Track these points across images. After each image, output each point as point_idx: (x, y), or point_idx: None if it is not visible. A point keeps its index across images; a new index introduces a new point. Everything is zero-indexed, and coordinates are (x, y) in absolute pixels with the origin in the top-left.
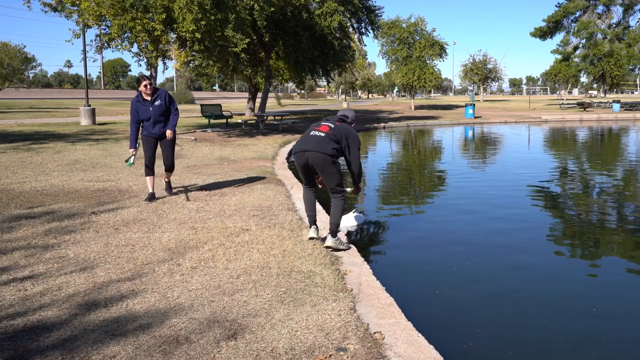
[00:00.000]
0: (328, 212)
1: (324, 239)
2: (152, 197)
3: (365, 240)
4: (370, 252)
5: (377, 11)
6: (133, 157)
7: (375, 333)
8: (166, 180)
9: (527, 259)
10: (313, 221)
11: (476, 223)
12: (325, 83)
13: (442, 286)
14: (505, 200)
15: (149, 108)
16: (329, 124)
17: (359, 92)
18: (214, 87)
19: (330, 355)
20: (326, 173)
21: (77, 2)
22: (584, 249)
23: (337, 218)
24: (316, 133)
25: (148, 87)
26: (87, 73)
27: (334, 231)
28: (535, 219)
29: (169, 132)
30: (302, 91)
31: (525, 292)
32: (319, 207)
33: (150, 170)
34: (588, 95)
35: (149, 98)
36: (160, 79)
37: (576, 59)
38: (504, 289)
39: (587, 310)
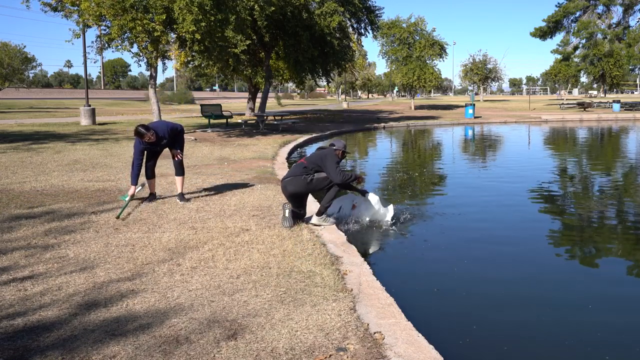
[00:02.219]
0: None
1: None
2: (152, 198)
3: (365, 241)
4: (370, 252)
5: (377, 11)
6: (129, 197)
7: (375, 333)
8: (179, 191)
9: (527, 258)
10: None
11: (476, 222)
12: (325, 83)
13: (442, 286)
14: (506, 199)
15: (157, 149)
16: (307, 156)
17: (359, 92)
18: (213, 87)
19: (330, 355)
20: (312, 189)
21: (77, 2)
22: (584, 248)
23: (326, 202)
24: (294, 164)
25: (152, 137)
26: (87, 73)
27: (321, 212)
28: (536, 218)
29: (178, 154)
30: (302, 91)
31: (525, 291)
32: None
33: (151, 173)
34: (588, 95)
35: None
36: (160, 79)
37: (576, 59)
38: (503, 287)
39: (584, 308)
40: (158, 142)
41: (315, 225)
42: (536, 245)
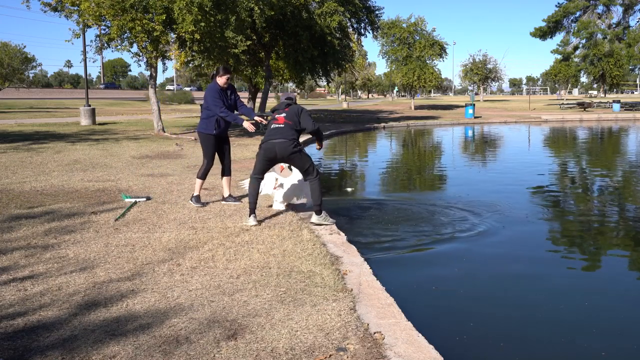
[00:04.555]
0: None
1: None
2: (199, 199)
3: (365, 240)
4: (371, 252)
5: (377, 11)
6: (135, 199)
7: (375, 333)
8: (228, 193)
9: (527, 257)
10: (254, 210)
11: (476, 221)
12: (325, 83)
13: (443, 286)
14: (506, 198)
15: (227, 99)
16: (282, 114)
17: (359, 92)
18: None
19: (330, 355)
20: (294, 160)
21: (77, 2)
22: (582, 248)
23: (317, 198)
24: (278, 126)
25: (228, 82)
26: (87, 73)
27: (318, 210)
28: (535, 217)
29: (249, 125)
30: (302, 91)
31: (525, 289)
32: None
33: (207, 174)
34: (588, 95)
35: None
36: (160, 79)
37: (576, 59)
38: (503, 286)
39: (583, 306)
40: (228, 94)
41: (316, 224)
42: (537, 243)
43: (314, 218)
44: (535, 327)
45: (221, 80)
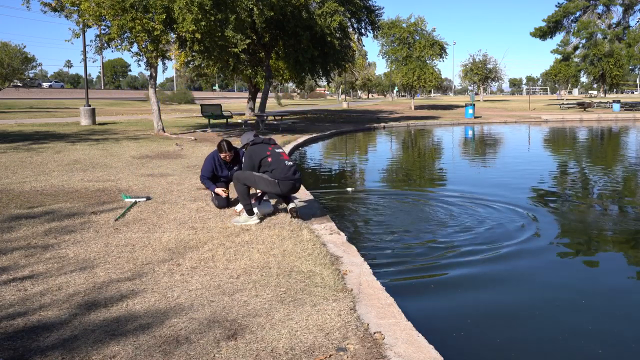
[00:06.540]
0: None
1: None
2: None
3: (365, 241)
4: (371, 252)
5: (377, 11)
6: (135, 199)
7: (375, 333)
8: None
9: (527, 256)
10: (252, 208)
11: (476, 220)
12: (325, 83)
13: (443, 285)
14: (505, 197)
15: (228, 172)
16: (280, 150)
17: (359, 92)
18: (213, 87)
19: (330, 355)
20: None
21: (77, 2)
22: (581, 246)
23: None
24: (290, 163)
25: (228, 158)
26: (87, 73)
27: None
28: (533, 215)
29: (220, 190)
30: (302, 91)
31: (525, 288)
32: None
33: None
34: (588, 95)
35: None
36: (160, 79)
37: (576, 59)
38: (503, 285)
39: (582, 305)
40: (231, 167)
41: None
42: (536, 243)
43: (292, 204)
44: (535, 327)
45: (221, 155)
